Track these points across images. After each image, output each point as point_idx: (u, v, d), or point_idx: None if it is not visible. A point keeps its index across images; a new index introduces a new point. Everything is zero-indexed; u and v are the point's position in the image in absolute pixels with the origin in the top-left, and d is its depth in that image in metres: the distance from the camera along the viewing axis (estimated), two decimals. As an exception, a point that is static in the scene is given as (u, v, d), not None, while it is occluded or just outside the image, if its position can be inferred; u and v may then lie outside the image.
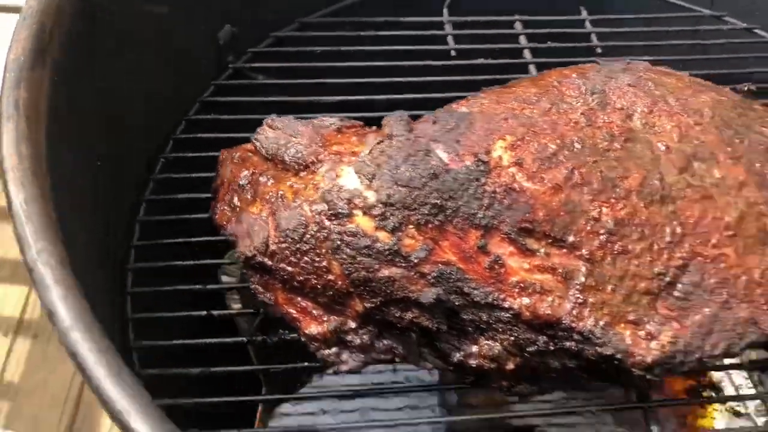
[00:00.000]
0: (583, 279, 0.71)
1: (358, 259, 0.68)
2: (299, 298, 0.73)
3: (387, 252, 0.68)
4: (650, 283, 0.72)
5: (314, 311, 0.73)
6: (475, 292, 0.69)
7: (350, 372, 0.74)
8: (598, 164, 0.75)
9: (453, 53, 1.19)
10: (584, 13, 1.28)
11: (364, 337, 0.73)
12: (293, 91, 1.12)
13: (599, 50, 1.21)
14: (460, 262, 0.69)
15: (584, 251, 0.71)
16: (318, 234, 0.69)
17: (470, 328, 0.72)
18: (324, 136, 0.78)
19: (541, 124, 0.76)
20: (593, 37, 1.24)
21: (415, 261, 0.68)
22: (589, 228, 0.72)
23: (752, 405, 1.41)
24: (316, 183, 0.72)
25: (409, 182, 0.69)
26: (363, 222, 0.69)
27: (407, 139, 0.72)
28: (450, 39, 1.22)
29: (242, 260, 0.73)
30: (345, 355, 0.74)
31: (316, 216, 0.69)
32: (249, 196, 0.78)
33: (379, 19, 1.23)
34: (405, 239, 0.69)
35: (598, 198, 0.73)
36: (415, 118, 0.79)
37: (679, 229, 0.74)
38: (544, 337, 0.71)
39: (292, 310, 0.73)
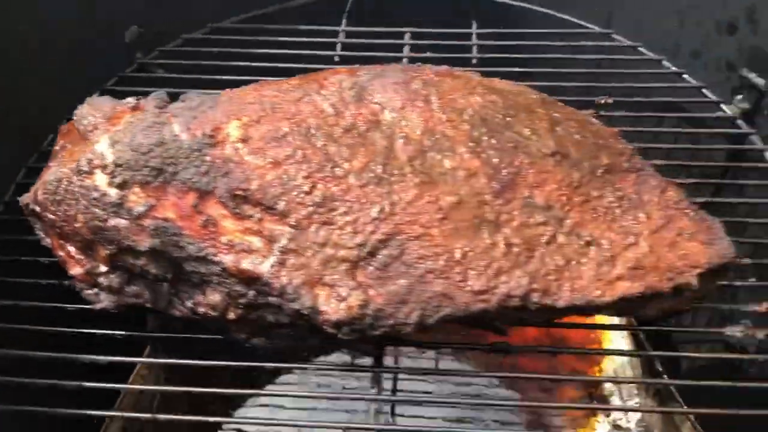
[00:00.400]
0: (285, 242, 0.81)
1: (91, 209, 0.82)
2: (66, 243, 0.87)
3: (113, 205, 0.81)
4: (350, 252, 0.81)
5: (76, 255, 0.87)
6: (190, 246, 0.81)
7: (105, 310, 0.87)
8: (326, 147, 0.85)
9: (336, 59, 1.31)
10: (474, 27, 1.36)
11: (115, 280, 0.86)
12: (190, 86, 1.27)
13: (474, 61, 1.29)
14: (178, 220, 0.81)
15: (292, 219, 0.81)
16: (68, 187, 0.83)
17: (195, 279, 0.84)
18: (118, 111, 0.92)
19: (285, 109, 0.87)
20: (474, 49, 1.32)
21: (137, 214, 0.81)
22: (299, 199, 0.82)
23: (634, 419, 1.41)
24: (84, 148, 0.87)
25: (138, 148, 0.82)
26: (99, 179, 0.82)
27: (153, 114, 0.85)
28: (338, 46, 1.34)
29: (24, 208, 0.89)
30: (102, 296, 0.88)
31: (68, 172, 0.84)
32: (56, 160, 0.93)
33: (281, 27, 1.37)
34: (130, 195, 0.82)
35: (314, 175, 0.83)
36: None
37: (388, 208, 0.83)
38: (253, 291, 0.82)
39: (62, 254, 0.88)
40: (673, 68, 1.26)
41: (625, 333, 1.44)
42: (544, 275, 0.82)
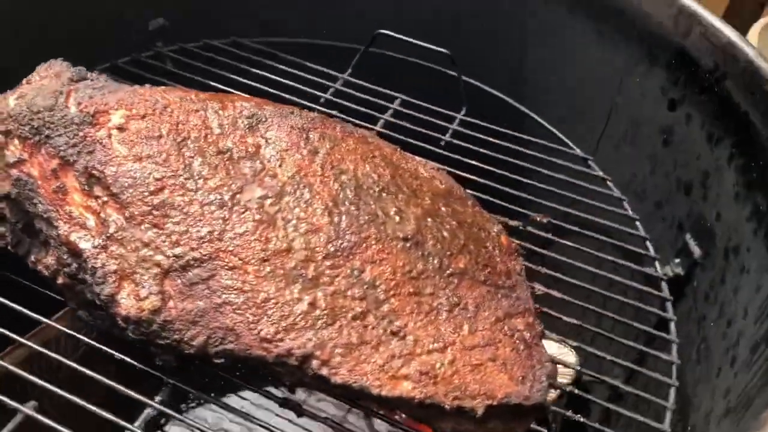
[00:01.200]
0: (113, 230, 0.86)
1: (-25, 145, 0.91)
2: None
3: (-7, 148, 0.90)
4: (166, 259, 0.85)
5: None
6: (39, 205, 0.88)
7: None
8: (193, 159, 0.90)
9: (322, 101, 1.36)
10: (462, 112, 1.38)
11: (-18, 216, 0.95)
12: (187, 84, 1.37)
13: (442, 143, 1.30)
14: (39, 178, 0.89)
15: (128, 212, 0.87)
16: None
17: (42, 237, 0.91)
18: (58, 74, 1.02)
19: (174, 115, 0.93)
20: (449, 132, 1.33)
21: (9, 163, 0.90)
22: (142, 197, 0.87)
23: None
24: (7, 99, 0.97)
25: (32, 106, 0.91)
26: (-4, 126, 0.92)
27: (61, 83, 0.94)
28: (331, 90, 1.39)
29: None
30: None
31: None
32: None
33: (292, 58, 1.44)
34: (10, 144, 0.90)
35: (167, 181, 0.88)
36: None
37: (217, 232, 0.86)
38: (75, 264, 0.87)
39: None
40: (630, 212, 1.21)
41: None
42: (333, 347, 0.82)
